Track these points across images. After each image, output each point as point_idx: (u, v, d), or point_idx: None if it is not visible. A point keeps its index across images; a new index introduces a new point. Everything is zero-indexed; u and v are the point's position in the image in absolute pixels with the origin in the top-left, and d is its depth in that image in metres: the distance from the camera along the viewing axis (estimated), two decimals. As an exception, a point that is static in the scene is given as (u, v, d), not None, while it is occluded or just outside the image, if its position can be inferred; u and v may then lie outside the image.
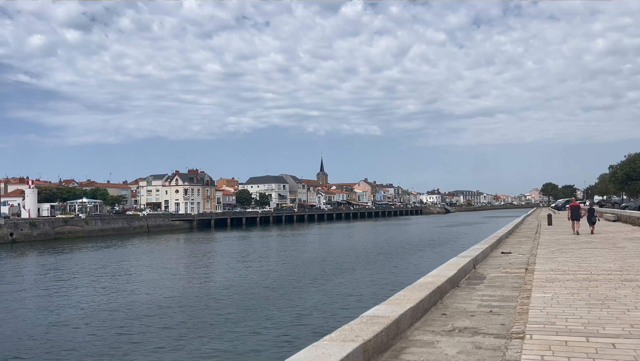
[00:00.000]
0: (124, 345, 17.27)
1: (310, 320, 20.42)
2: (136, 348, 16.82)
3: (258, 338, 17.66)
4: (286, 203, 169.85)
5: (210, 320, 20.78)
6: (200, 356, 15.73)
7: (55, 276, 36.73)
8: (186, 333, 18.62)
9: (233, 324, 19.95)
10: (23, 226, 77.45)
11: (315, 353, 3.89)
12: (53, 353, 16.72)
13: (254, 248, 59.64)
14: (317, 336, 13.80)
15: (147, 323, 20.46)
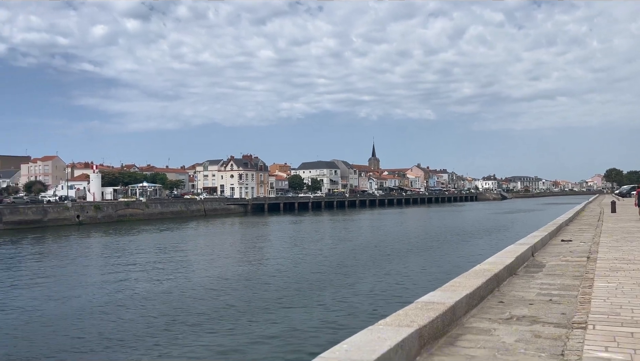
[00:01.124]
0: (179, 326, 17.96)
1: (362, 304, 20.52)
2: (191, 330, 17.46)
3: (311, 322, 17.93)
4: (338, 188, 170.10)
5: (264, 303, 21.24)
6: (254, 340, 16.14)
7: (118, 256, 38.53)
8: (240, 316, 19.13)
9: (287, 307, 20.32)
10: (88, 209, 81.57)
11: (370, 337, 3.92)
12: (111, 331, 17.58)
13: (306, 232, 60.29)
14: (370, 320, 13.83)
15: (202, 305, 21.16)
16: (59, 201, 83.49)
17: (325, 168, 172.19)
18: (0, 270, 32.37)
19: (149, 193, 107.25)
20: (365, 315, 18.28)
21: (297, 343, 15.38)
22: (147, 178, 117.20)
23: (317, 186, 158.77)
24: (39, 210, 74.41)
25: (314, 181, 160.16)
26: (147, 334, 16.87)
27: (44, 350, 15.46)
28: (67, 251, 43.56)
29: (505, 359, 4.26)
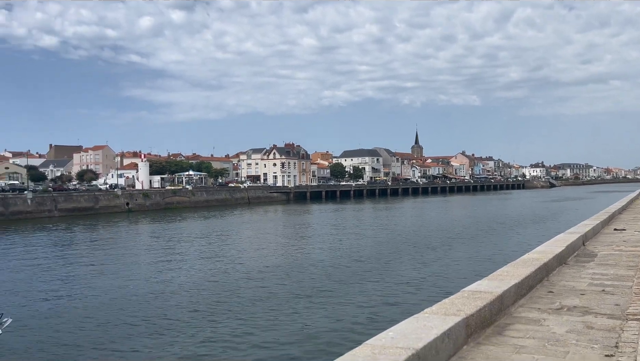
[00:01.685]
0: (224, 312, 18.38)
1: (406, 293, 20.44)
2: (236, 316, 17.83)
3: (355, 310, 18.00)
4: (380, 176, 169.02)
5: (307, 290, 21.46)
6: (296, 328, 16.35)
7: (165, 243, 39.71)
8: (284, 303, 19.40)
9: (330, 295, 20.47)
10: (137, 197, 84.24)
11: (416, 325, 3.90)
12: (158, 315, 18.16)
13: (348, 220, 60.35)
14: (415, 309, 13.72)
15: (247, 292, 21.55)
16: (110, 189, 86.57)
17: (367, 156, 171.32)
18: (56, 255, 33.97)
19: (195, 181, 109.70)
20: (409, 304, 18.20)
21: (342, 331, 15.49)
22: (193, 167, 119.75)
23: (359, 174, 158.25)
24: (91, 198, 77.38)
25: (356, 169, 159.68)
26: (192, 318, 17.37)
27: (94, 333, 16.14)
28: (118, 238, 45.23)
29: (555, 350, 4.16)
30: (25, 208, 67.59)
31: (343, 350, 3.60)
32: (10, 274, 27.15)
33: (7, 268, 28.93)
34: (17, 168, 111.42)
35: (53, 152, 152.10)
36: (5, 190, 77.09)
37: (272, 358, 13.41)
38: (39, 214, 68.07)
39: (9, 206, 65.98)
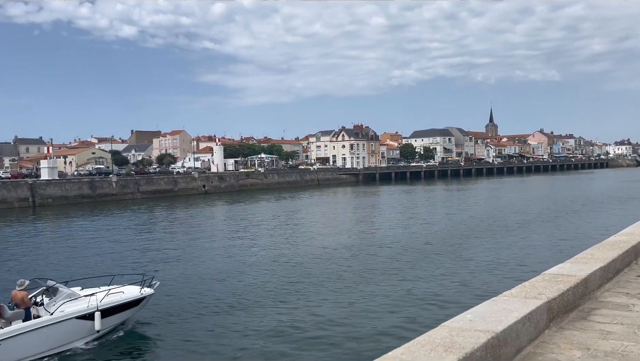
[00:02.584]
0: (299, 290, 18.79)
1: (483, 275, 19.99)
2: (312, 295, 18.17)
3: (430, 292, 17.84)
4: (452, 156, 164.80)
5: (380, 271, 21.49)
6: (371, 308, 16.44)
7: (240, 223, 41.02)
8: (355, 284, 19.54)
9: (402, 276, 20.39)
10: (213, 179, 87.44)
11: (495, 308, 3.82)
12: (232, 293, 18.82)
13: (418, 202, 59.53)
14: (493, 292, 13.51)
15: (319, 272, 21.86)
16: (187, 172, 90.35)
17: (439, 136, 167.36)
18: (139, 235, 36.05)
19: (267, 164, 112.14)
20: (486, 287, 17.85)
21: (417, 312, 15.45)
22: (265, 150, 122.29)
23: (430, 154, 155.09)
24: (170, 180, 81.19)
25: (427, 149, 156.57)
26: (268, 296, 17.90)
27: (170, 309, 17.03)
28: (196, 218, 47.26)
29: (647, 337, 3.93)
30: (111, 191, 72.10)
31: (419, 331, 3.60)
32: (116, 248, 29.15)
33: (109, 242, 31.10)
34: (102, 153, 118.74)
35: (134, 138, 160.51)
36: (93, 174, 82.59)
37: (349, 337, 13.60)
38: (123, 196, 72.42)
39: (96, 189, 70.68)
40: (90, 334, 13.70)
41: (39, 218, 51.37)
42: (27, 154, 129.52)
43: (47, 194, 65.36)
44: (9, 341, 12.15)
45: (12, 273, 22.29)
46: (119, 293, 14.42)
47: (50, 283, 14.29)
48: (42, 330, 12.72)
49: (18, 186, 64.35)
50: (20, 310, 13.02)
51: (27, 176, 76.61)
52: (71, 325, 13.26)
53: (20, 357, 12.36)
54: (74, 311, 13.38)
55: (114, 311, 14.06)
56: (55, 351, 13.02)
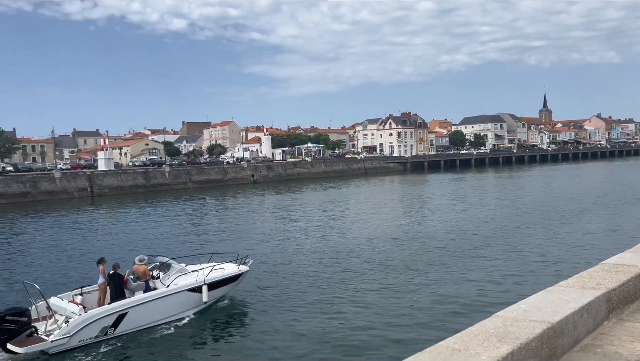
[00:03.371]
0: (342, 281, 18.88)
1: (537, 265, 19.49)
2: (348, 286, 18.23)
3: (482, 281, 17.56)
4: (503, 143, 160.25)
5: (431, 260, 21.30)
6: (423, 297, 16.34)
7: (289, 211, 41.47)
8: (408, 273, 19.44)
9: (455, 265, 20.13)
10: (261, 169, 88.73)
11: (550, 298, 3.74)
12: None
13: (468, 190, 58.36)
14: (548, 282, 13.19)
15: (370, 261, 21.86)
16: (236, 162, 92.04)
17: (490, 122, 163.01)
18: (203, 220, 37.15)
19: (314, 153, 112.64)
20: (540, 277, 17.39)
21: (469, 302, 15.24)
22: (311, 139, 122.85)
23: (481, 141, 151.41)
24: (220, 170, 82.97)
25: (477, 136, 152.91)
26: (333, 280, 18.11)
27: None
28: (246, 206, 48.17)
29: None
30: (164, 181, 74.43)
31: (471, 321, 3.56)
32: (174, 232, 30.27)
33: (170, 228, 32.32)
34: (155, 144, 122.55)
35: (185, 129, 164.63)
36: (147, 164, 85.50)
37: (401, 325, 13.62)
38: (176, 185, 74.64)
39: (150, 179, 73.14)
40: (198, 305, 15.19)
41: (100, 206, 53.72)
42: (85, 146, 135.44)
43: (104, 185, 68.20)
44: (135, 308, 13.75)
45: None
46: (220, 270, 15.90)
47: (164, 259, 16.13)
48: (160, 300, 14.30)
49: (77, 176, 67.46)
50: (141, 282, 14.64)
51: (85, 167, 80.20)
52: (183, 296, 14.80)
53: (144, 323, 13.92)
54: (185, 284, 14.87)
55: (217, 285, 15.52)
56: (170, 319, 14.51)
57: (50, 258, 25.18)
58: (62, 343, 12.49)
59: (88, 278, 17.82)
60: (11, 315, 12.31)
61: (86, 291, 14.46)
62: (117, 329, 13.48)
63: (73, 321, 12.77)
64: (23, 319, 12.46)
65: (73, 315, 13.09)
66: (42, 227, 37.55)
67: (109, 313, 13.31)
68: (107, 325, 13.28)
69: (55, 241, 30.60)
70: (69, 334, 12.55)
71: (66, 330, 12.57)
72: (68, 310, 13.42)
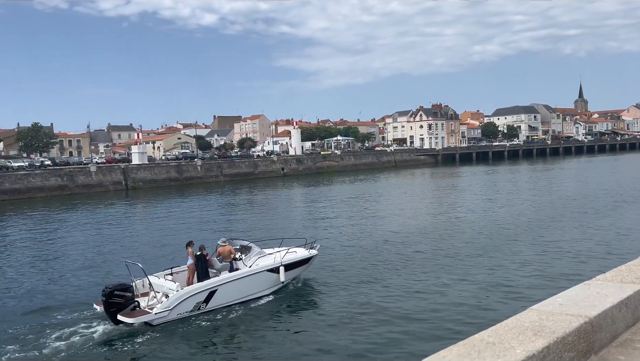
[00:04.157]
0: (379, 272, 18.87)
1: (573, 259, 19.09)
2: (379, 279, 18.18)
3: (516, 274, 17.28)
4: (537, 134, 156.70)
5: (464, 253, 21.07)
6: (456, 290, 16.21)
7: (317, 202, 41.58)
8: (440, 266, 19.31)
9: (488, 258, 19.89)
10: (291, 162, 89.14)
11: (587, 292, 3.68)
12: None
13: (501, 183, 57.37)
14: (584, 276, 12.94)
15: (401, 254, 21.79)
16: (266, 156, 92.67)
17: (523, 113, 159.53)
18: (224, 213, 37.66)
19: (343, 146, 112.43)
20: (576, 270, 17.04)
21: (504, 295, 15.04)
22: (341, 132, 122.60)
23: (514, 133, 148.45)
24: (251, 164, 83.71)
25: (510, 128, 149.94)
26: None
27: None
28: (283, 197, 48.63)
29: None
30: (196, 174, 75.56)
31: (506, 314, 3.54)
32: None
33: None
34: (187, 138, 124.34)
35: (217, 123, 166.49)
36: (179, 158, 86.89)
37: (434, 317, 13.56)
38: (208, 179, 75.70)
39: (183, 172, 74.37)
40: (276, 285, 16.43)
41: (137, 199, 54.95)
42: (119, 140, 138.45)
43: (139, 178, 69.67)
44: (224, 286, 15.00)
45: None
46: (293, 253, 17.12)
47: (244, 242, 17.53)
48: (244, 278, 15.56)
49: (112, 170, 69.10)
50: (226, 262, 15.89)
51: (119, 161, 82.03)
52: (263, 276, 16.04)
53: (230, 300, 15.14)
54: (265, 265, 16.09)
55: (292, 266, 16.75)
56: (252, 297, 15.71)
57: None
58: (164, 316, 13.86)
59: (171, 260, 19.48)
60: (118, 290, 13.80)
61: (175, 271, 15.81)
62: (208, 304, 14.68)
63: (172, 296, 14.11)
64: (128, 294, 13.95)
65: (171, 291, 14.45)
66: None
67: (202, 289, 14.61)
68: (200, 301, 14.53)
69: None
70: (169, 308, 13.90)
71: (167, 304, 13.95)
72: (166, 286, 14.84)
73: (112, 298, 13.57)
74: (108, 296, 13.55)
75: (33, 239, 30.20)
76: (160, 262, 19.80)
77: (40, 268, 22.05)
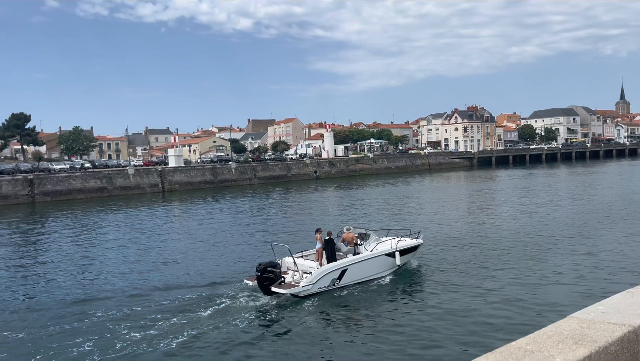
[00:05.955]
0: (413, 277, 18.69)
1: (614, 265, 18.46)
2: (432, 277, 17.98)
3: (556, 281, 16.82)
4: (576, 137, 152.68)
5: (501, 258, 20.68)
6: (495, 296, 15.92)
7: (348, 205, 41.50)
8: (478, 272, 19.00)
9: (526, 263, 19.45)
10: (324, 165, 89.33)
11: (631, 300, 3.57)
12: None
13: (540, 187, 56.01)
14: (627, 283, 12.54)
15: (446, 259, 21.53)
16: (299, 159, 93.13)
17: (562, 116, 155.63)
18: (254, 214, 38.00)
19: (376, 149, 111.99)
20: (618, 278, 16.46)
21: (542, 303, 14.56)
22: (374, 135, 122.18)
23: (552, 135, 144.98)
24: (284, 167, 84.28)
25: (548, 130, 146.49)
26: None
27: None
28: (309, 200, 48.68)
29: None
30: (231, 177, 76.57)
31: (545, 322, 3.46)
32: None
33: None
34: (222, 142, 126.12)
35: (251, 126, 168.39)
36: (214, 161, 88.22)
37: (470, 323, 13.34)
38: (242, 181, 76.61)
39: (217, 175, 75.47)
40: (392, 268, 18.34)
41: (177, 201, 56.01)
42: (157, 143, 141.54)
43: (175, 180, 71.06)
44: (352, 266, 17.04)
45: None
46: (404, 240, 18.97)
47: (362, 230, 19.53)
48: (368, 261, 17.59)
49: (149, 173, 70.67)
50: (350, 247, 17.96)
51: (156, 163, 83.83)
52: (382, 259, 18.02)
53: (356, 278, 17.13)
54: (383, 250, 18.14)
55: (405, 252, 18.64)
56: (374, 277, 17.67)
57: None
58: (308, 289, 15.97)
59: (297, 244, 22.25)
60: (270, 266, 16.14)
61: (305, 254, 18.22)
62: (341, 281, 16.75)
63: (315, 272, 16.30)
64: (277, 270, 16.23)
65: (311, 269, 16.75)
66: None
67: (337, 268, 16.72)
68: (334, 278, 16.64)
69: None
70: (312, 282, 16.03)
71: (310, 278, 16.12)
72: (306, 265, 17.18)
73: (265, 273, 15.89)
74: (262, 271, 15.88)
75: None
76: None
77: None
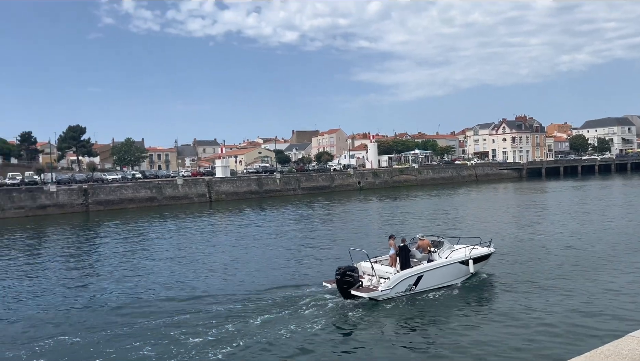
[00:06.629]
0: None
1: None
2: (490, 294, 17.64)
3: (613, 298, 16.18)
4: (632, 148, 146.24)
5: (550, 276, 20.03)
6: (550, 315, 15.46)
7: (391, 216, 41.13)
8: (529, 290, 18.51)
9: (581, 280, 18.79)
10: (367, 176, 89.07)
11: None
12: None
13: (592, 199, 53.87)
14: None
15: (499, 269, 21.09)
16: (343, 169, 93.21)
17: (616, 125, 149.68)
18: (296, 225, 38.23)
19: (421, 160, 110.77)
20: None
21: (597, 321, 14.05)
22: (419, 145, 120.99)
23: (605, 146, 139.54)
24: (328, 177, 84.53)
25: (601, 140, 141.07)
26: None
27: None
28: (351, 212, 48.58)
29: None
30: (275, 187, 77.43)
31: (602, 341, 3.36)
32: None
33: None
34: (267, 152, 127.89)
35: (295, 137, 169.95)
36: (259, 172, 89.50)
37: (522, 338, 13.01)
38: (286, 192, 77.33)
39: (262, 185, 76.50)
40: (465, 275, 18.61)
41: (225, 210, 57.09)
42: (204, 154, 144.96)
43: (221, 190, 72.48)
44: (428, 273, 17.33)
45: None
46: (475, 249, 19.18)
47: (435, 238, 19.71)
48: (442, 268, 17.86)
49: (197, 183, 72.40)
50: (425, 253, 18.28)
51: (204, 174, 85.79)
52: (456, 267, 18.26)
53: (432, 285, 17.38)
54: (457, 257, 18.38)
55: (478, 260, 18.90)
56: (447, 284, 17.89)
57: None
58: (386, 294, 16.34)
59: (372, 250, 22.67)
60: (349, 270, 16.60)
61: (379, 260, 18.50)
62: (416, 287, 16.99)
63: (392, 278, 16.66)
64: (356, 275, 16.65)
65: (388, 274, 17.04)
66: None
67: (413, 274, 17.04)
68: (411, 283, 16.92)
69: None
70: (390, 287, 16.41)
71: (388, 283, 16.51)
72: (382, 270, 17.50)
73: (345, 276, 16.32)
74: (342, 275, 16.32)
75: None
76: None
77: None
